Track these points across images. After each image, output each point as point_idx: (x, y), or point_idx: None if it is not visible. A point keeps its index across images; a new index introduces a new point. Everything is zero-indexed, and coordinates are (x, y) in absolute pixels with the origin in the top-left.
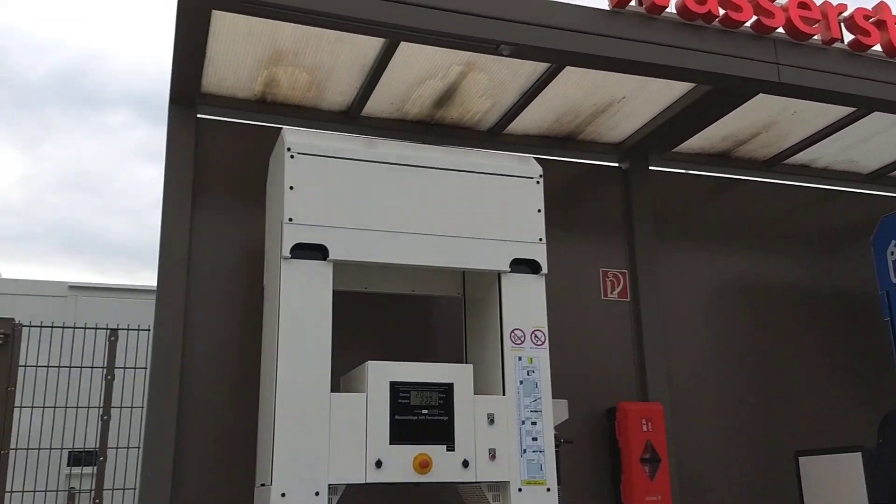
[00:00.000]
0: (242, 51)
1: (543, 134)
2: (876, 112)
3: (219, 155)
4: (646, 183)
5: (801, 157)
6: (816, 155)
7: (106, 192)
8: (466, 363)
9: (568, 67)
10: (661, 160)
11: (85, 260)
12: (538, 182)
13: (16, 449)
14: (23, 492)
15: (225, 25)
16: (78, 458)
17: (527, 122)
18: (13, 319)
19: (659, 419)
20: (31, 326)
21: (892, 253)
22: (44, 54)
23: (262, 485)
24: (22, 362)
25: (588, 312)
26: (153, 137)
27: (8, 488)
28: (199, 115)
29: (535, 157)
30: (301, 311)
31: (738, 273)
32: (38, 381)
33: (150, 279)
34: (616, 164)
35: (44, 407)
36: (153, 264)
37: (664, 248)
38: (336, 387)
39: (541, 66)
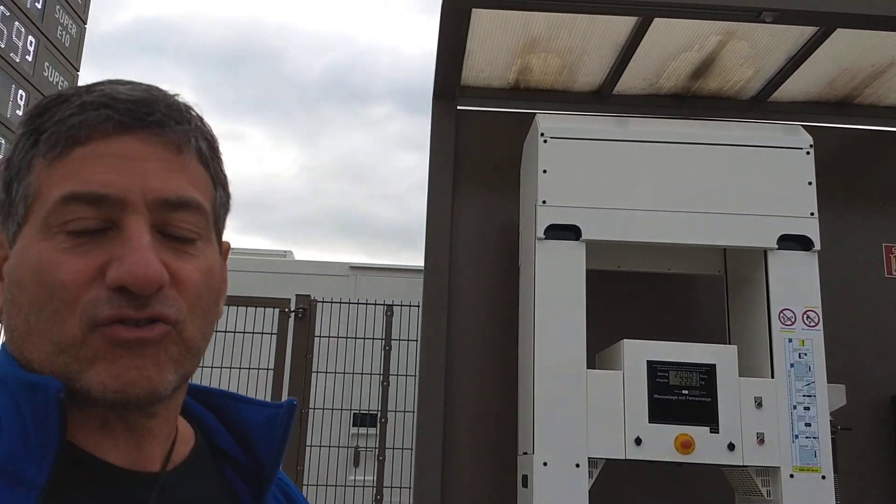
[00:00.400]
0: (499, 43)
1: (814, 100)
2: None
3: (477, 142)
4: None
5: None
6: None
7: (371, 179)
8: (729, 344)
9: (839, 29)
10: None
11: (356, 241)
12: (808, 152)
13: (313, 408)
14: (320, 446)
15: (483, 20)
16: (363, 419)
17: (795, 88)
18: (309, 296)
19: None
20: (322, 302)
21: None
22: (318, 54)
23: (525, 453)
24: (316, 333)
25: (868, 291)
26: (413, 126)
27: (308, 443)
28: (458, 108)
29: (805, 126)
30: (555, 289)
31: None
32: (329, 351)
33: (410, 258)
34: None
35: (335, 373)
36: (413, 244)
37: None
38: (591, 364)
39: (808, 30)
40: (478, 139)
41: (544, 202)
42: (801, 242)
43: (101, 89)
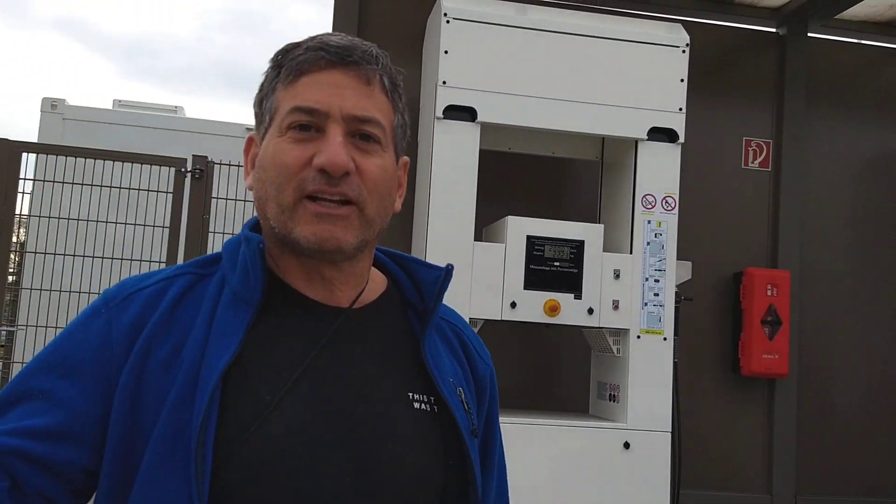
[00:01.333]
0: None
1: None
2: None
3: (381, 16)
4: (803, 50)
5: None
6: None
7: (265, 31)
8: (599, 223)
9: None
10: (822, 27)
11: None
12: (684, 51)
13: None
14: None
15: None
16: None
17: None
18: (207, 157)
19: (785, 286)
20: (220, 164)
21: None
22: None
23: None
24: (214, 195)
25: (726, 180)
26: None
27: None
28: None
29: (687, 21)
30: (450, 167)
31: (892, 149)
32: (227, 212)
33: None
34: (774, 30)
35: (232, 234)
36: None
37: (814, 119)
38: (479, 237)
39: None
40: (382, 13)
41: (444, 83)
42: (668, 135)
43: (319, 38)
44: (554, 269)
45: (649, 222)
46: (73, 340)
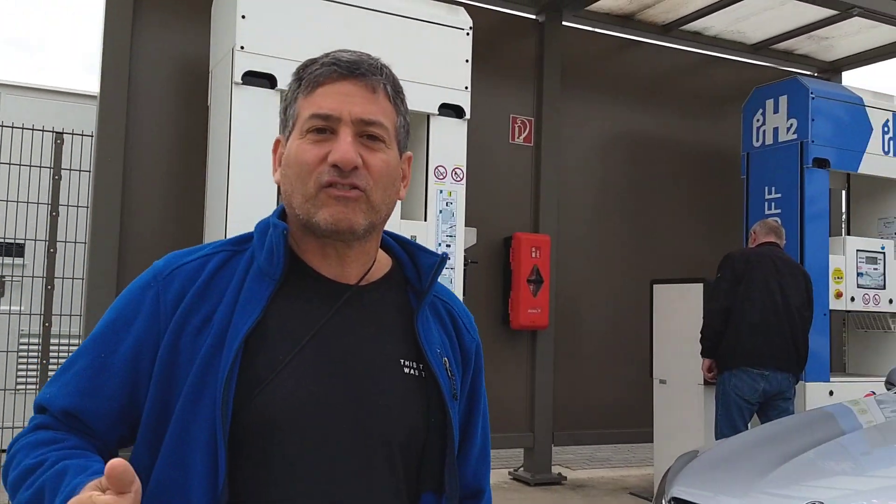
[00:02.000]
0: None
1: None
2: None
3: None
4: (558, 36)
5: (695, 25)
6: (709, 24)
7: None
8: None
9: None
10: (574, 17)
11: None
12: (468, 33)
13: None
14: None
15: None
16: (7, 248)
17: None
18: None
19: (546, 248)
20: None
21: (758, 120)
22: None
23: None
24: None
25: (497, 154)
26: None
27: None
28: None
29: (459, 3)
30: (251, 134)
31: (628, 127)
32: None
33: (85, 84)
34: (534, 17)
35: None
36: (92, 69)
37: (567, 99)
38: (278, 201)
39: None
40: None
41: (242, 48)
42: (456, 111)
43: (333, 55)
44: None
45: (441, 192)
46: (128, 309)
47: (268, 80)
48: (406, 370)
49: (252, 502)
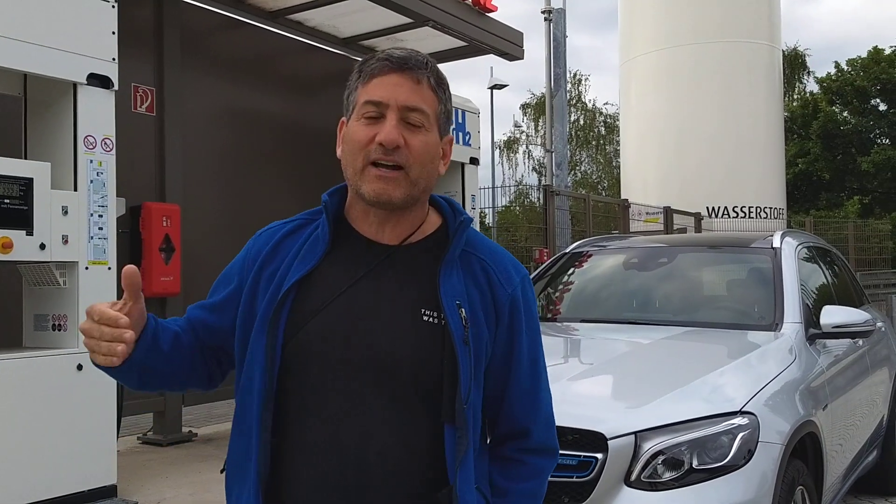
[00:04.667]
0: None
1: None
2: None
3: None
4: (176, 10)
5: (298, 16)
6: (310, 16)
7: None
8: (27, 159)
9: None
10: None
11: None
12: (114, 6)
13: None
14: None
15: None
16: None
17: None
18: None
19: (176, 217)
20: None
21: None
22: None
23: None
24: None
25: (119, 123)
26: None
27: None
28: None
29: None
30: None
31: (241, 103)
32: None
33: None
34: None
35: None
36: None
37: (188, 70)
38: None
39: None
40: None
41: None
42: (103, 81)
43: (387, 51)
44: (5, 206)
45: (91, 162)
46: (239, 257)
47: None
48: (425, 318)
49: (295, 426)
